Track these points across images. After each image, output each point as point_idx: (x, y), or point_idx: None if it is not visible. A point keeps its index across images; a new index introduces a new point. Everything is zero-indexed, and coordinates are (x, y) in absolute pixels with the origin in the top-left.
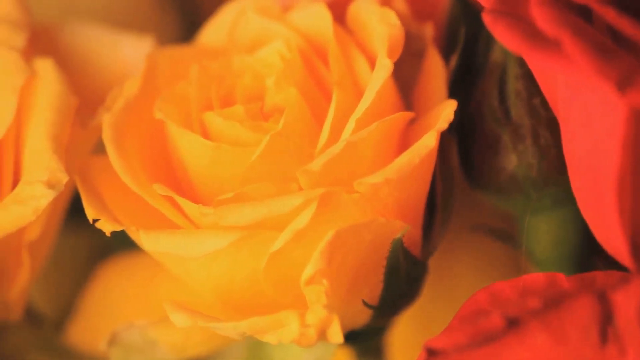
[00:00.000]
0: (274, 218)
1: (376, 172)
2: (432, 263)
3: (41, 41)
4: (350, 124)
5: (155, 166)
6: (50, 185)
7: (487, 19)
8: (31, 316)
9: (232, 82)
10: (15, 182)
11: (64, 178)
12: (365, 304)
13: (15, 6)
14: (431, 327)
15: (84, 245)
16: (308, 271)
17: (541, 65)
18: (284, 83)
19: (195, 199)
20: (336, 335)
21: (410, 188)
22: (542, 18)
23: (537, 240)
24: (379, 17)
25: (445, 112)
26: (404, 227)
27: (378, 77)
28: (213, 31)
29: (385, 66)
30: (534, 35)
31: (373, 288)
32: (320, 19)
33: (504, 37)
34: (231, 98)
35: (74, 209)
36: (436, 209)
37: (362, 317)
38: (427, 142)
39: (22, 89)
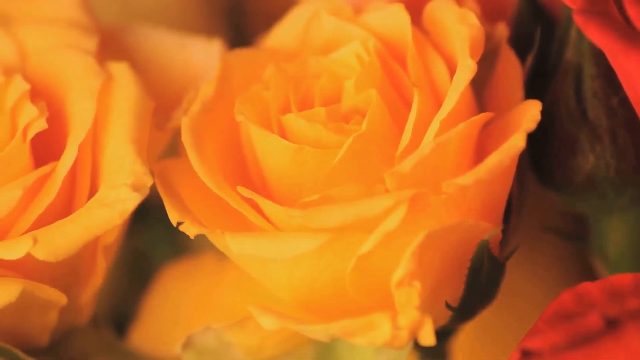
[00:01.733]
0: (362, 220)
1: (466, 173)
2: None
3: (107, 44)
4: (435, 125)
5: (231, 168)
6: (136, 188)
7: (578, 19)
8: (93, 319)
9: (309, 83)
10: (93, 185)
11: (148, 181)
12: (448, 305)
13: (82, 11)
14: (488, 332)
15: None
16: (399, 273)
17: (636, 65)
18: (363, 84)
19: (273, 201)
20: (428, 337)
21: (495, 189)
22: (637, 17)
23: (611, 240)
24: (457, 18)
25: (531, 112)
26: (491, 228)
27: (462, 79)
28: (283, 33)
29: (468, 67)
30: (629, 35)
31: (454, 290)
32: (397, 20)
33: (597, 36)
34: (308, 100)
35: None
36: (511, 210)
37: (440, 319)
38: (517, 143)
39: (99, 93)
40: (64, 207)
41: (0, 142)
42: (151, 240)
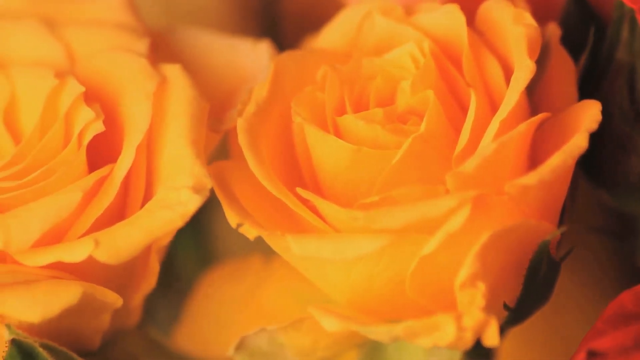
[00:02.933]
0: (425, 221)
1: (529, 174)
2: None
3: (155, 46)
4: (494, 125)
5: (284, 169)
6: (196, 190)
7: None
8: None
9: (363, 84)
10: (148, 187)
11: (208, 183)
12: (506, 306)
13: (128, 13)
14: (531, 335)
15: None
16: (463, 274)
17: None
18: (420, 85)
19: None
20: (493, 338)
21: (554, 189)
22: None
23: None
24: (513, 18)
25: (592, 112)
26: (551, 229)
27: (521, 78)
28: (332, 34)
29: (527, 67)
30: None
31: (511, 291)
32: (452, 21)
33: None
34: (363, 100)
35: None
36: (564, 210)
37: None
38: (579, 143)
39: (153, 95)
40: (118, 209)
41: (55, 145)
42: (176, 245)
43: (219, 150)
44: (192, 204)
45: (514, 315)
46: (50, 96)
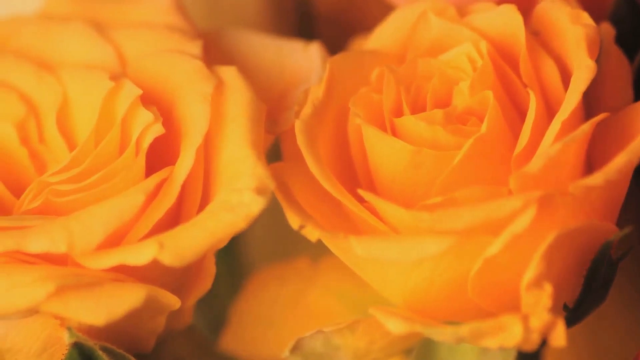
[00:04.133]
0: (491, 222)
1: (594, 174)
2: None
3: (205, 48)
4: (555, 126)
5: (340, 170)
6: (259, 192)
7: None
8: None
9: (420, 85)
10: (205, 189)
11: (271, 185)
12: (566, 307)
13: (178, 15)
14: (575, 337)
15: None
16: (529, 275)
17: None
18: (478, 86)
19: None
20: (560, 338)
21: (616, 189)
22: None
23: None
24: (571, 18)
25: None
26: (614, 229)
27: (582, 79)
28: (384, 35)
29: (588, 67)
30: None
31: (570, 291)
32: (509, 21)
33: None
34: (419, 101)
35: None
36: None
37: None
38: None
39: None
40: (173, 211)
41: (113, 148)
42: None
43: (269, 152)
44: (255, 206)
45: (573, 315)
46: (106, 99)
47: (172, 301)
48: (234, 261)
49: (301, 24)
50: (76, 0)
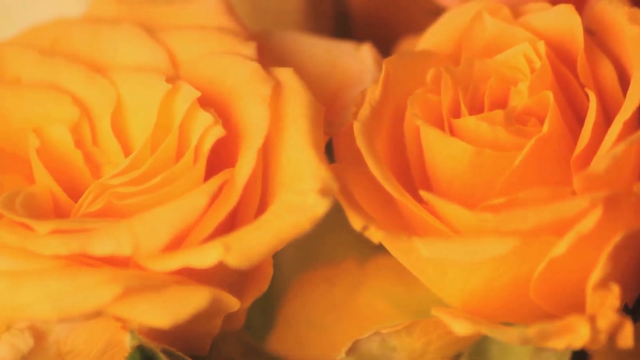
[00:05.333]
0: (557, 222)
1: None
2: None
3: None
4: (617, 126)
5: (396, 171)
6: (324, 193)
7: None
8: None
9: (477, 86)
10: (263, 190)
11: (335, 186)
12: (626, 307)
13: (229, 17)
14: None
15: None
16: (596, 276)
17: None
18: (538, 87)
19: None
20: (627, 339)
21: None
22: None
23: None
24: (629, 18)
25: None
26: None
27: None
28: (437, 36)
29: None
30: None
31: (631, 291)
32: (566, 21)
33: None
34: (477, 102)
35: None
36: None
37: None
38: None
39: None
40: (230, 212)
41: (172, 150)
42: None
43: None
44: (320, 207)
45: (632, 315)
46: (163, 101)
47: (233, 303)
48: (301, 259)
49: (337, 25)
50: (122, 3)
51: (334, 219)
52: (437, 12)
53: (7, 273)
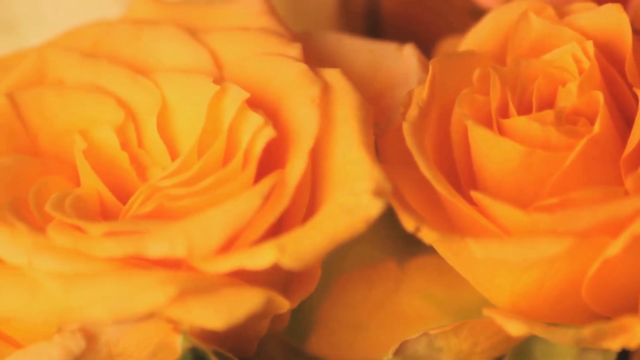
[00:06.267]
0: (611, 223)
1: None
2: None
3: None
4: None
5: (442, 171)
6: (377, 194)
7: None
8: None
9: (524, 86)
10: (313, 191)
11: (388, 187)
12: None
13: (271, 18)
14: None
15: None
16: None
17: None
18: (587, 86)
19: None
20: None
21: None
22: None
23: None
24: None
25: None
26: None
27: None
28: (480, 36)
29: None
30: None
31: None
32: (613, 21)
33: None
34: (524, 102)
35: None
36: None
37: None
38: None
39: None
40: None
41: (222, 152)
42: None
43: None
44: (374, 208)
45: None
46: (212, 103)
47: (283, 304)
48: (339, 260)
49: (369, 26)
50: (161, 5)
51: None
52: (469, 12)
53: (60, 275)
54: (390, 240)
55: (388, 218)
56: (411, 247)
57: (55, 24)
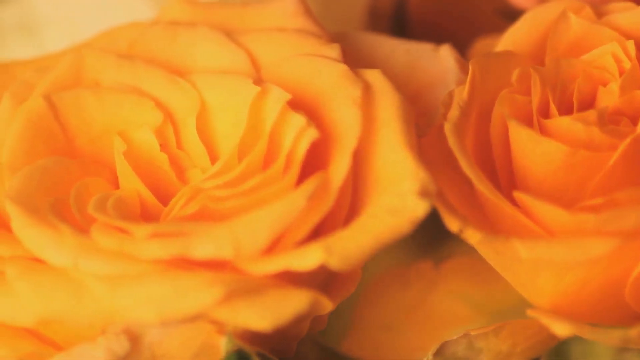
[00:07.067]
0: None
1: None
2: None
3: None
4: None
5: (483, 171)
6: (423, 195)
7: None
8: None
9: (564, 86)
10: (355, 192)
11: (433, 187)
12: None
13: (308, 19)
14: None
15: None
16: None
17: None
18: (629, 86)
19: None
20: None
21: None
22: None
23: None
24: None
25: None
26: None
27: None
28: (518, 36)
29: None
30: None
31: None
32: None
33: None
34: (565, 102)
35: None
36: None
37: None
38: None
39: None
40: None
41: (262, 153)
42: None
43: None
44: (420, 209)
45: None
46: (253, 104)
47: (327, 305)
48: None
49: (396, 28)
50: (195, 7)
51: None
52: (499, 12)
53: (106, 277)
54: (425, 240)
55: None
56: (444, 248)
57: (76, 26)
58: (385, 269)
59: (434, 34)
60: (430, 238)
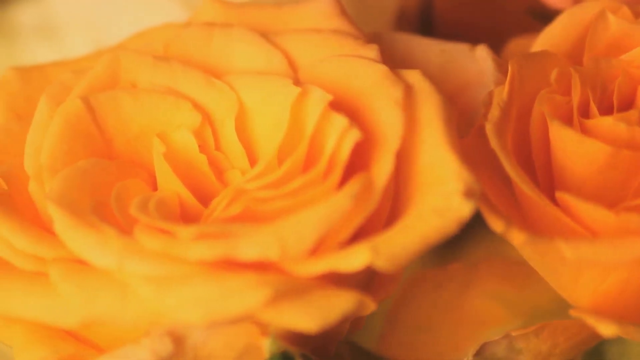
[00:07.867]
0: None
1: None
2: None
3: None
4: None
5: (523, 171)
6: (468, 195)
7: None
8: None
9: (604, 85)
10: (397, 192)
11: (478, 188)
12: None
13: (344, 20)
14: None
15: None
16: None
17: None
18: None
19: None
20: None
21: None
22: None
23: None
24: None
25: None
26: None
27: None
28: (555, 36)
29: None
30: None
31: None
32: None
33: None
34: (605, 102)
35: None
36: None
37: None
38: None
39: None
40: None
41: (304, 155)
42: None
43: None
44: (465, 209)
45: None
46: (294, 105)
47: (370, 305)
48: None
49: (421, 30)
50: (230, 8)
51: None
52: (530, 12)
53: (152, 279)
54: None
55: None
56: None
57: (95, 27)
58: (418, 271)
59: (460, 35)
60: (456, 241)
